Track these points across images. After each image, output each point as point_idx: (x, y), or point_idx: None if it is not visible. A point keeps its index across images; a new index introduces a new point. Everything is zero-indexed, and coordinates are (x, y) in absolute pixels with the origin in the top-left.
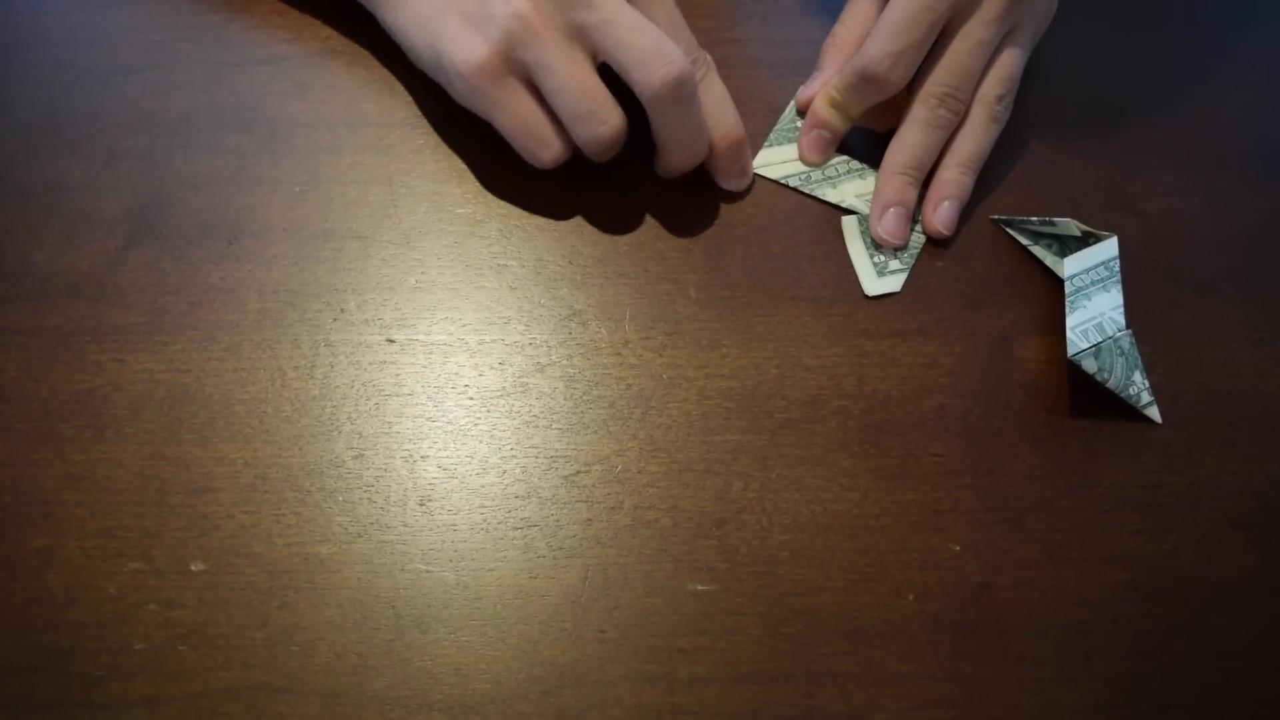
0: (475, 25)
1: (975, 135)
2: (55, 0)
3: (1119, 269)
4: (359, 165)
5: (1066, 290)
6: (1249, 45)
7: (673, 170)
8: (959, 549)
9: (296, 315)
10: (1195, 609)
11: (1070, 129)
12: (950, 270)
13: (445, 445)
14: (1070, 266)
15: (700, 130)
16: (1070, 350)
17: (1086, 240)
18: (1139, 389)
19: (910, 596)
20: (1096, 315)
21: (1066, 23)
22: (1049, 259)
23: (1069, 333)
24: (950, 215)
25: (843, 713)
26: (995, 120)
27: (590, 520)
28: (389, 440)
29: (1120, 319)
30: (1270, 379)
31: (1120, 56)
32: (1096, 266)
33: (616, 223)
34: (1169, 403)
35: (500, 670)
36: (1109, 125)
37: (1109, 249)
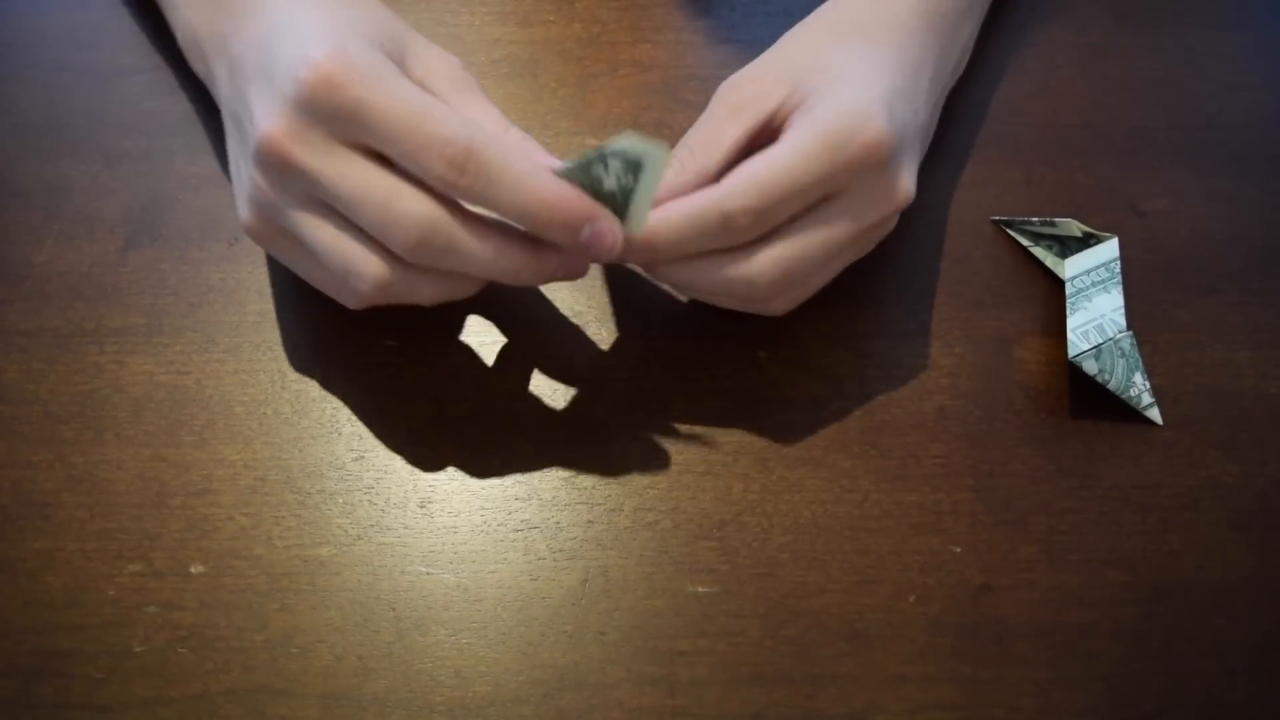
0: (242, 187)
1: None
2: (55, 1)
3: (1120, 270)
4: None
5: (1067, 291)
6: (1249, 45)
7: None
8: (960, 550)
9: (297, 316)
10: (1196, 610)
11: (1071, 130)
12: (950, 271)
13: (446, 446)
14: (1071, 267)
15: (487, 260)
16: (1071, 351)
17: (1087, 241)
18: (1140, 390)
19: (911, 598)
20: (1097, 316)
21: (1066, 23)
22: (1050, 260)
23: (1070, 334)
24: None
25: (843, 714)
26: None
27: (591, 522)
28: (389, 442)
29: (1121, 320)
30: (1271, 380)
31: (1120, 56)
32: (1097, 268)
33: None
34: (1170, 404)
35: (500, 672)
36: (1109, 126)
37: (1110, 250)
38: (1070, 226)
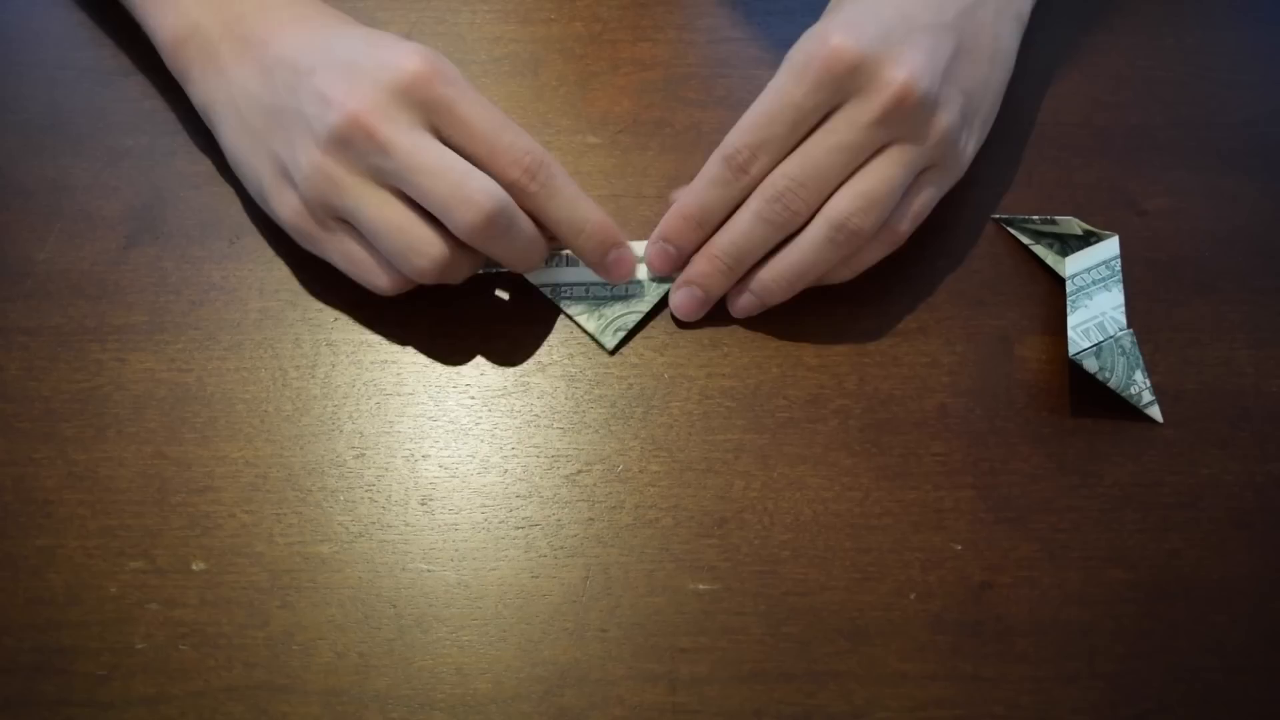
0: (285, 175)
1: (798, 252)
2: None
3: (1120, 268)
4: None
5: (1068, 289)
6: (1249, 45)
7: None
8: (960, 548)
9: (298, 314)
10: (1196, 608)
11: (1071, 128)
12: (951, 270)
13: (447, 444)
14: (1071, 265)
15: (527, 248)
16: (1071, 349)
17: (1088, 239)
18: (1140, 388)
19: (912, 596)
20: (1098, 314)
21: (1066, 23)
22: (1050, 258)
23: (1070, 332)
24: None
25: (844, 712)
26: (831, 243)
27: (592, 519)
28: (390, 439)
29: (1121, 318)
30: (1271, 378)
31: (1121, 55)
32: (1098, 265)
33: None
34: (1170, 402)
35: (501, 669)
36: (1110, 124)
37: (1110, 248)
38: (1071, 225)
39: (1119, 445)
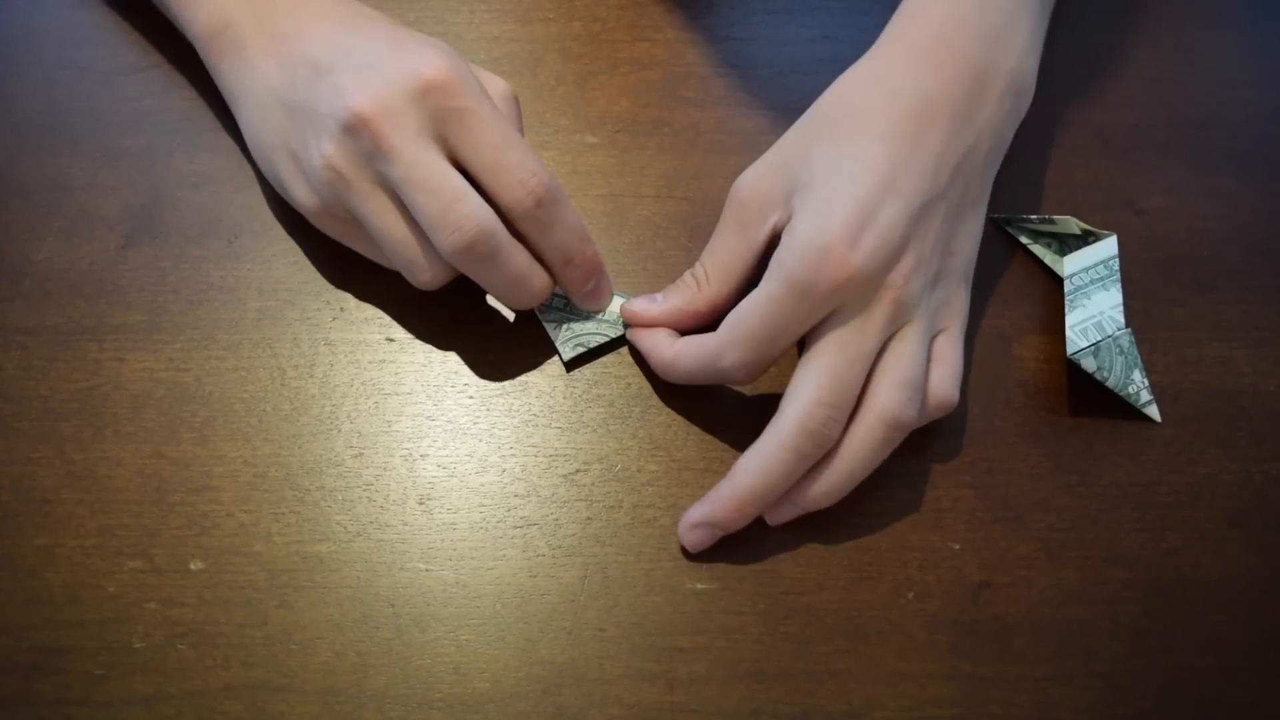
0: (302, 172)
1: (853, 460)
2: None
3: (1118, 267)
4: None
5: (1066, 289)
6: (1249, 45)
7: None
8: (958, 547)
9: (296, 314)
10: (1194, 607)
11: (1069, 127)
12: None
13: (444, 444)
14: (1070, 265)
15: (515, 283)
16: (1069, 349)
17: (1086, 239)
18: (1138, 387)
19: (910, 595)
20: (1096, 314)
21: (1066, 22)
22: (1048, 257)
23: (1068, 331)
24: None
25: (842, 711)
26: (888, 443)
27: (589, 519)
28: (388, 439)
29: (1119, 317)
30: (1269, 378)
31: (1120, 55)
32: (1096, 265)
33: (616, 223)
34: (1168, 401)
35: (499, 669)
36: (1108, 124)
37: (1108, 247)
38: (1069, 224)
39: (1117, 444)
